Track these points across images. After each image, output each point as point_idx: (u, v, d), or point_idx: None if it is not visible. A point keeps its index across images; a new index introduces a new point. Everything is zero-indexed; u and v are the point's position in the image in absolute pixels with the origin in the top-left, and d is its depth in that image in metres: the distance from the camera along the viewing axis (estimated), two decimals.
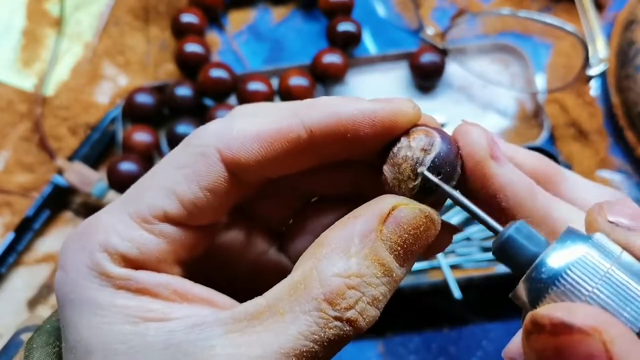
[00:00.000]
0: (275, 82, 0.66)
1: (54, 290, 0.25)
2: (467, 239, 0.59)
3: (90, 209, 0.64)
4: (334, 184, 0.31)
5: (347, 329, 0.23)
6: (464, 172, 0.26)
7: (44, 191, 0.62)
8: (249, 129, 0.25)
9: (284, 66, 0.67)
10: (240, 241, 0.31)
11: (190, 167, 0.25)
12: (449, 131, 0.27)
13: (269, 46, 0.72)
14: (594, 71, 0.64)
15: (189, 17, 0.68)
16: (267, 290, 0.24)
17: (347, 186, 0.30)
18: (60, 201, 0.63)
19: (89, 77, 0.69)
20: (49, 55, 0.69)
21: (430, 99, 0.68)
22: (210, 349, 0.22)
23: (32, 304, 0.60)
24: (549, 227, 0.25)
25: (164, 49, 0.70)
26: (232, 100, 0.67)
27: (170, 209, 0.25)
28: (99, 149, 0.65)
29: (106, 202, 0.61)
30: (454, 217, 0.58)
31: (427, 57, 0.67)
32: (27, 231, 0.61)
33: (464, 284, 0.57)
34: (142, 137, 0.62)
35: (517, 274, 0.23)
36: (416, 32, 0.70)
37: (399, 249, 0.24)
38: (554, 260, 0.21)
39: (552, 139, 0.66)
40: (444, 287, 0.57)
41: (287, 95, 0.64)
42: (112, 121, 0.66)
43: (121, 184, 0.60)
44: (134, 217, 0.25)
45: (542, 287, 0.21)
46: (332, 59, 0.66)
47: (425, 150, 0.25)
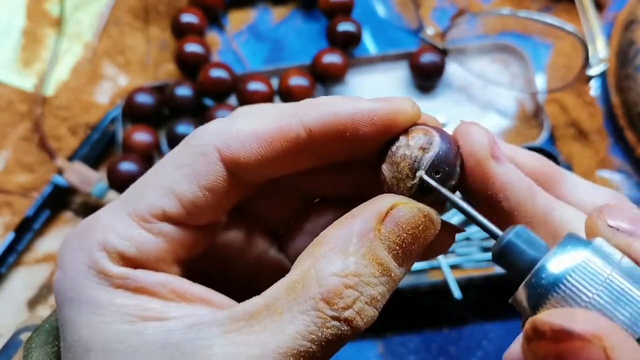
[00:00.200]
0: (275, 82, 0.66)
1: (53, 289, 0.25)
2: (467, 239, 0.59)
3: (90, 209, 0.64)
4: (335, 185, 0.31)
5: (345, 328, 0.23)
6: (464, 172, 0.26)
7: (44, 191, 0.62)
8: (249, 128, 0.25)
9: (284, 66, 0.67)
10: (240, 241, 0.31)
11: (189, 166, 0.25)
12: (449, 131, 0.27)
13: (269, 46, 0.72)
14: (594, 71, 0.64)
15: (189, 17, 0.68)
16: (266, 290, 0.24)
17: (348, 187, 0.30)
18: (60, 201, 0.63)
19: (89, 77, 0.68)
20: (49, 55, 0.69)
21: (430, 99, 0.68)
22: (208, 348, 0.22)
23: (32, 304, 0.60)
24: (548, 228, 0.25)
25: (164, 49, 0.70)
26: (232, 100, 0.67)
27: (169, 208, 0.25)
28: (99, 149, 0.65)
29: (106, 202, 0.61)
30: (453, 217, 0.58)
31: (427, 57, 0.67)
32: (27, 231, 0.61)
33: (464, 284, 0.57)
34: (142, 137, 0.62)
35: (517, 279, 0.22)
36: (416, 32, 0.70)
37: (398, 248, 0.24)
38: (554, 265, 0.21)
39: (552, 139, 0.66)
40: (444, 287, 0.57)
41: (287, 95, 0.64)
42: (112, 121, 0.65)
43: (121, 184, 0.60)
44: (133, 216, 0.25)
45: (542, 292, 0.21)
46: (332, 59, 0.66)
47: (423, 149, 0.25)
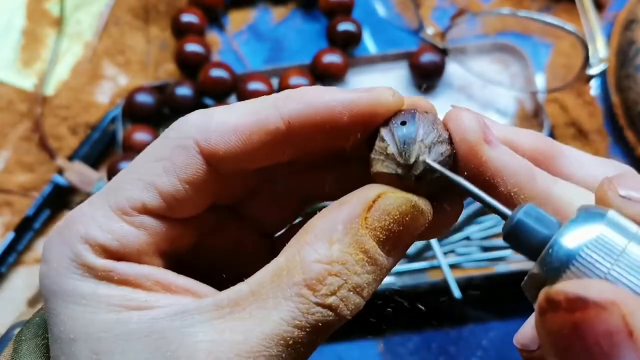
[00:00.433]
0: (275, 82, 0.66)
1: (39, 282, 0.25)
2: (467, 238, 0.59)
3: None
4: (331, 185, 0.30)
5: (330, 315, 0.22)
6: (457, 158, 0.25)
7: (44, 191, 0.62)
8: (227, 121, 0.25)
9: (284, 66, 0.67)
10: (231, 242, 0.31)
11: (168, 159, 0.25)
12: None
13: (269, 46, 0.72)
14: (593, 71, 0.64)
15: (189, 17, 0.68)
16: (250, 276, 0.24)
17: (344, 190, 0.30)
18: (60, 201, 0.63)
19: (89, 76, 0.69)
20: (49, 54, 0.69)
21: (430, 98, 0.68)
22: (192, 335, 0.22)
23: (32, 303, 0.60)
24: (550, 208, 0.24)
25: (164, 49, 0.70)
26: (232, 99, 0.67)
27: (149, 201, 0.25)
28: (99, 148, 0.65)
29: None
30: None
31: (427, 57, 0.67)
32: (27, 231, 0.61)
33: (463, 284, 0.57)
34: (142, 136, 0.62)
35: (530, 259, 0.22)
36: (416, 32, 0.70)
37: (384, 237, 0.24)
38: (568, 240, 0.21)
39: (552, 138, 0.66)
40: (444, 286, 0.57)
41: None
42: (112, 121, 0.66)
43: None
44: (114, 209, 0.25)
45: (557, 268, 0.20)
46: (332, 58, 0.66)
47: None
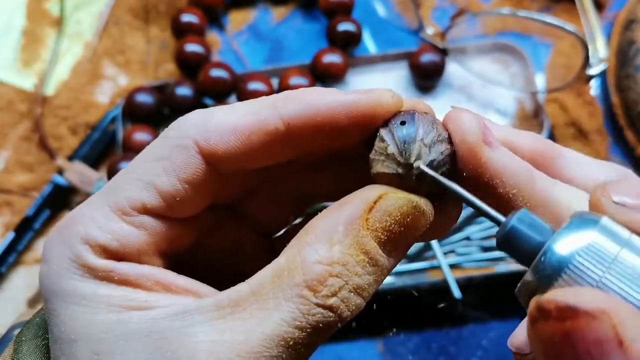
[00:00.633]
0: (275, 82, 0.66)
1: (39, 282, 0.25)
2: (467, 238, 0.59)
3: None
4: (330, 186, 0.30)
5: (331, 316, 0.23)
6: (457, 160, 0.25)
7: (44, 191, 0.62)
8: (227, 121, 0.25)
9: (284, 66, 0.67)
10: (230, 241, 0.31)
11: (168, 159, 0.25)
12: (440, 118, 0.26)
13: (269, 46, 0.72)
14: (593, 71, 0.64)
15: (189, 17, 0.68)
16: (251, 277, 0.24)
17: (343, 190, 0.30)
18: (60, 201, 0.63)
19: (89, 76, 0.69)
20: (49, 54, 0.69)
21: (430, 98, 0.68)
22: (193, 335, 0.22)
23: (32, 303, 0.60)
24: (549, 211, 0.24)
25: (164, 49, 0.70)
26: (232, 99, 0.67)
27: (149, 201, 0.25)
28: (99, 148, 0.65)
29: None
30: None
31: (427, 57, 0.67)
32: (27, 231, 0.61)
33: (463, 284, 0.57)
34: (142, 136, 0.62)
35: (524, 265, 0.22)
36: (416, 32, 0.70)
37: (385, 238, 0.24)
38: (561, 247, 0.21)
39: (552, 138, 0.66)
40: (443, 286, 0.57)
41: None
42: (112, 121, 0.66)
43: None
44: (114, 209, 0.25)
45: (549, 275, 0.21)
46: (332, 58, 0.66)
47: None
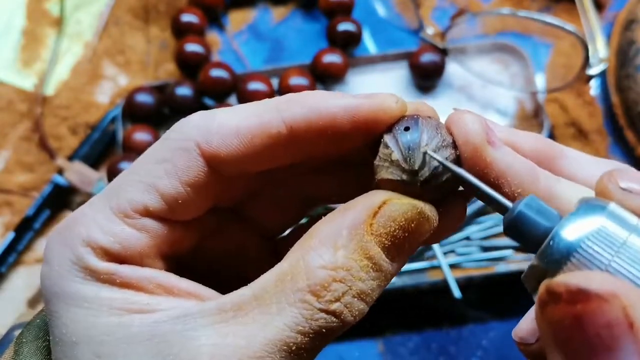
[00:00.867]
0: (275, 82, 0.66)
1: (40, 284, 0.25)
2: (467, 238, 0.59)
3: None
4: (333, 190, 0.30)
5: (334, 321, 0.22)
6: (461, 162, 0.25)
7: (44, 191, 0.62)
8: (230, 123, 0.25)
9: (284, 66, 0.67)
10: (232, 244, 0.30)
11: (170, 161, 0.25)
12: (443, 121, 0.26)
13: (269, 46, 0.72)
14: (593, 71, 0.64)
15: (189, 17, 0.68)
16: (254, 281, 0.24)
17: (346, 194, 0.30)
18: (60, 201, 0.63)
19: (89, 76, 0.69)
20: (49, 54, 0.69)
21: (430, 99, 0.68)
22: (195, 339, 0.22)
23: (32, 303, 0.60)
24: (554, 208, 0.24)
25: (164, 49, 0.70)
26: (233, 99, 0.67)
27: (151, 203, 0.25)
28: (99, 148, 0.65)
29: None
30: None
31: (427, 57, 0.67)
32: (27, 231, 0.61)
33: (463, 284, 0.57)
34: (142, 136, 0.62)
35: (531, 250, 0.22)
36: (416, 32, 0.70)
37: (389, 243, 0.24)
38: (569, 232, 0.20)
39: (552, 138, 0.65)
40: (443, 286, 0.57)
41: None
42: (112, 121, 0.66)
43: None
44: (116, 212, 0.24)
45: (557, 260, 0.20)
46: (332, 58, 0.66)
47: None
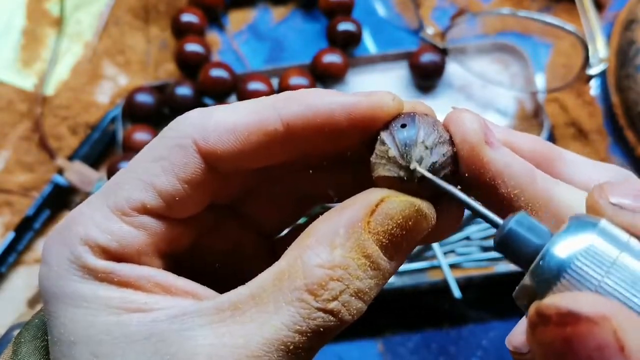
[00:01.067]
0: (275, 82, 0.66)
1: (39, 284, 0.25)
2: (467, 238, 0.59)
3: None
4: (332, 188, 0.30)
5: (331, 320, 0.22)
6: (458, 160, 0.25)
7: (44, 191, 0.62)
8: (226, 120, 0.25)
9: (284, 66, 0.67)
10: (230, 242, 0.30)
11: (167, 159, 0.25)
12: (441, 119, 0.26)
13: (269, 46, 0.72)
14: (593, 71, 0.64)
15: (189, 17, 0.68)
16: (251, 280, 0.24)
17: (344, 192, 0.29)
18: (60, 201, 0.63)
19: (89, 76, 0.69)
20: (49, 54, 0.69)
21: (430, 98, 0.68)
22: (192, 339, 0.22)
23: (32, 303, 0.60)
24: (550, 211, 0.24)
25: (164, 49, 0.70)
26: (233, 99, 0.67)
27: (148, 201, 0.25)
28: (99, 148, 0.65)
29: None
30: None
31: (427, 57, 0.67)
32: (27, 231, 0.61)
33: (463, 284, 0.57)
34: (142, 136, 0.62)
35: (522, 268, 0.22)
36: (416, 32, 0.70)
37: (387, 242, 0.23)
38: (560, 250, 0.20)
39: (552, 138, 0.66)
40: (443, 286, 0.57)
41: None
42: (112, 121, 0.66)
43: None
44: (114, 210, 0.24)
45: (548, 279, 0.20)
46: (332, 58, 0.66)
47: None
